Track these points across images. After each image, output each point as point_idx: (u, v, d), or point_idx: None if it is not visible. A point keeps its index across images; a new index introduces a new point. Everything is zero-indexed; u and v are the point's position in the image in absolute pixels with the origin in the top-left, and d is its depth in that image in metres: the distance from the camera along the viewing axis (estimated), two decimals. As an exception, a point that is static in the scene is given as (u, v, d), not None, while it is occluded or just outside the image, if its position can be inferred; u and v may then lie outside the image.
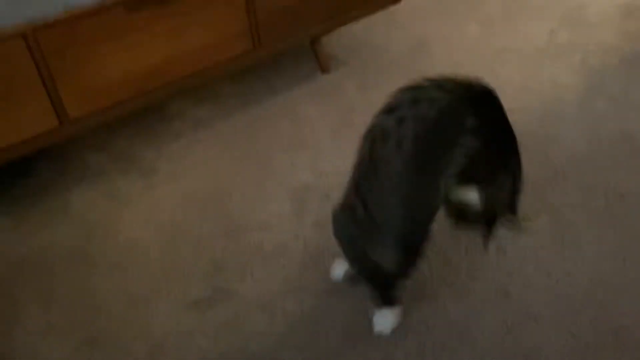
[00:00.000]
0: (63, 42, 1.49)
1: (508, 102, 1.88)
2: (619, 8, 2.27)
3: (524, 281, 1.36)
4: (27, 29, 1.42)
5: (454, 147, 1.10)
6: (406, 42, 2.24)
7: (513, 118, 1.81)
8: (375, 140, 1.15)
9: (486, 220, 1.26)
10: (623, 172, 1.59)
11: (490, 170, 1.18)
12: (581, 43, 2.10)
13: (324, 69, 2.14)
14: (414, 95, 1.15)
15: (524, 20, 2.27)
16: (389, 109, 1.17)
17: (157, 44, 1.64)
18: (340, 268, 1.39)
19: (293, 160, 1.75)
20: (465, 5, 2.41)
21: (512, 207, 1.24)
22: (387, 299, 1.27)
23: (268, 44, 1.87)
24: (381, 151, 1.12)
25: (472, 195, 1.21)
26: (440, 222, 1.51)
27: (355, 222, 1.18)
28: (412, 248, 1.19)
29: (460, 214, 1.27)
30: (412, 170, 1.09)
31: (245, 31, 1.81)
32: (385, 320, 1.29)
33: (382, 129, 1.14)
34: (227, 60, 1.82)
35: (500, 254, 1.42)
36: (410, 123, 1.10)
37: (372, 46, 2.25)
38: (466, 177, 1.15)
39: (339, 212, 1.24)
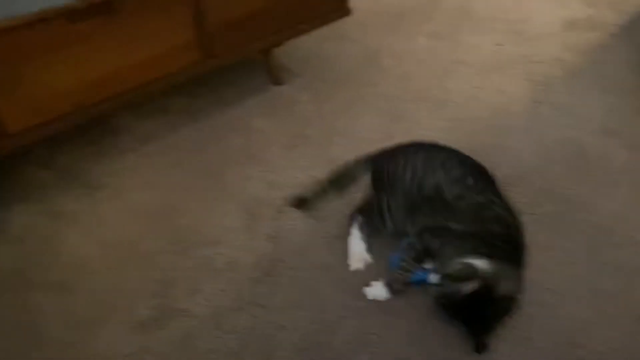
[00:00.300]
0: (2, 53, 1.42)
1: (457, 113, 1.93)
2: (561, 21, 2.36)
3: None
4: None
5: None
6: (358, 55, 2.26)
7: (463, 128, 1.85)
8: None
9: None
10: (568, 178, 1.63)
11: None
12: (526, 55, 2.17)
13: (277, 81, 2.13)
14: None
15: (471, 34, 2.32)
16: None
17: (101, 56, 1.59)
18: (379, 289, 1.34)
19: (245, 174, 1.72)
20: (414, 20, 2.45)
21: None
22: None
23: (217, 55, 1.84)
24: None
25: None
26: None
27: None
28: None
29: None
30: None
31: (193, 42, 1.78)
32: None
33: None
34: (175, 72, 1.78)
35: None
36: None
37: (324, 58, 2.26)
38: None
39: None
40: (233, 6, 1.80)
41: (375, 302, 1.34)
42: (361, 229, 1.45)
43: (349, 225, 1.47)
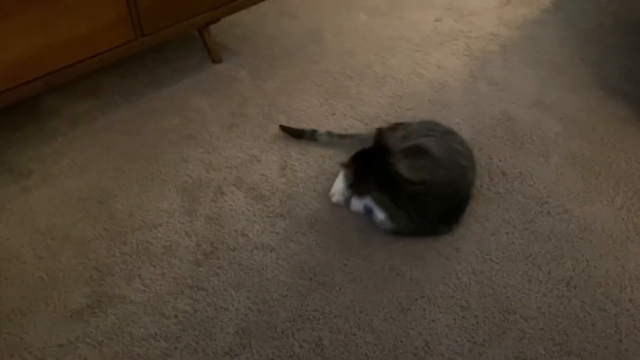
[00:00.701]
0: None
1: (398, 89, 1.94)
2: (497, -2, 2.40)
3: (410, 261, 1.39)
4: None
5: None
6: (298, 32, 2.23)
7: (403, 103, 1.86)
8: None
9: None
10: (504, 151, 1.67)
11: None
12: (464, 30, 2.20)
13: (215, 59, 2.07)
14: None
15: (410, 10, 2.33)
16: None
17: (26, 34, 1.50)
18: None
19: (182, 155, 1.67)
20: (355, -5, 2.44)
21: None
22: None
23: (149, 34, 1.77)
24: None
25: None
26: (330, 206, 1.51)
27: None
28: None
29: None
30: None
31: (124, 20, 1.70)
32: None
33: None
34: (106, 51, 1.70)
35: (391, 235, 1.44)
36: None
37: (264, 36, 2.21)
38: None
39: None
40: (164, -19, 1.73)
41: (316, 279, 1.35)
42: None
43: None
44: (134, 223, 1.48)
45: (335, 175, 1.61)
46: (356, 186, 1.41)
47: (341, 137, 1.70)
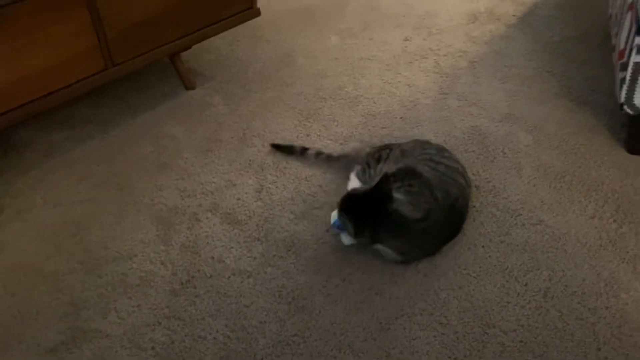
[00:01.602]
0: None
1: (371, 108, 1.96)
2: (465, 14, 2.45)
3: (389, 279, 1.39)
4: None
5: None
6: (271, 55, 2.25)
7: (375, 122, 1.88)
8: None
9: None
10: (477, 165, 1.69)
11: None
12: (433, 48, 2.23)
13: (189, 86, 2.08)
14: None
15: (380, 31, 2.37)
16: None
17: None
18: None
19: (156, 183, 1.66)
20: (326, 19, 2.47)
21: None
22: None
23: (121, 63, 1.78)
24: None
25: None
26: (311, 229, 1.51)
27: None
28: None
29: None
30: None
31: (94, 50, 1.70)
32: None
33: None
34: (77, 82, 1.70)
35: (369, 254, 1.44)
36: None
37: (237, 60, 2.23)
38: None
39: None
40: (133, 11, 1.74)
41: (295, 302, 1.34)
42: (358, 175, 1.56)
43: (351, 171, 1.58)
44: (108, 255, 1.46)
45: (312, 197, 1.61)
46: (362, 237, 1.37)
47: (329, 158, 1.70)
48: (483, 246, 1.46)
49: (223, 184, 1.67)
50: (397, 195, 1.36)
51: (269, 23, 2.44)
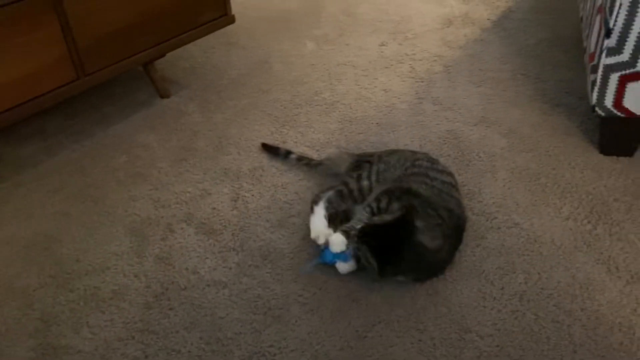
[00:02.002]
0: None
1: (347, 114, 1.95)
2: (440, 18, 2.46)
3: (366, 286, 1.38)
4: None
5: None
6: (246, 62, 2.24)
7: (352, 128, 1.88)
8: None
9: None
10: (453, 168, 1.69)
11: None
12: (408, 53, 2.24)
13: (163, 94, 2.06)
14: None
15: (357, 36, 2.37)
16: None
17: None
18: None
19: (130, 194, 1.64)
20: (302, 25, 2.47)
21: None
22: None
23: (93, 72, 1.75)
24: None
25: None
26: (287, 237, 1.50)
27: None
28: None
29: None
30: None
31: (65, 60, 1.68)
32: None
33: None
34: (48, 92, 1.67)
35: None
36: None
37: (213, 67, 2.21)
38: None
39: None
40: (104, 20, 1.72)
41: (270, 313, 1.32)
42: (331, 201, 1.48)
43: (313, 203, 1.49)
44: (80, 268, 1.44)
45: (289, 204, 1.60)
46: (384, 273, 1.31)
47: (309, 164, 1.69)
48: (459, 250, 1.46)
49: (198, 193, 1.65)
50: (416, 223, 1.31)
51: (244, 30, 2.43)
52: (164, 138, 1.86)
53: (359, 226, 1.34)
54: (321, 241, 1.42)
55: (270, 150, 1.77)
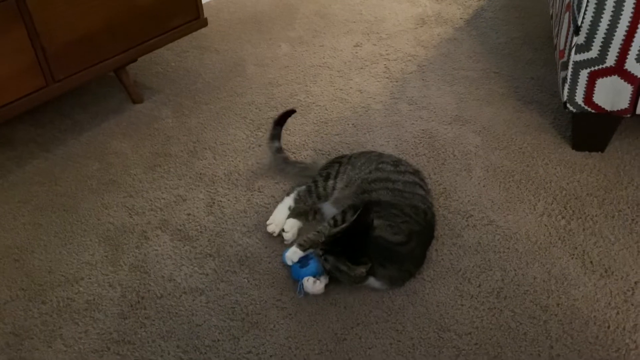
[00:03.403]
0: None
1: (323, 115, 1.95)
2: (413, 18, 2.47)
3: (343, 288, 1.37)
4: None
5: None
6: (221, 65, 2.22)
7: (328, 130, 1.87)
8: None
9: None
10: (428, 168, 1.70)
11: None
12: (383, 53, 2.25)
13: (136, 99, 2.03)
14: None
15: (331, 37, 2.37)
16: None
17: None
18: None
19: (103, 202, 1.61)
20: (275, 27, 2.46)
21: None
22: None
23: (63, 79, 1.72)
24: None
25: None
26: (264, 242, 1.49)
27: None
28: None
29: None
30: None
31: (33, 67, 1.64)
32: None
33: None
34: (16, 100, 1.64)
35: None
36: None
37: (186, 71, 2.19)
38: None
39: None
40: (72, 25, 1.68)
41: (248, 319, 1.31)
42: (300, 195, 1.53)
43: (286, 195, 1.55)
44: (53, 279, 1.40)
45: (265, 208, 1.59)
46: (359, 281, 1.31)
47: (285, 160, 1.68)
48: (436, 249, 1.47)
49: (173, 199, 1.63)
50: (375, 222, 1.32)
51: (217, 33, 2.41)
52: (137, 144, 1.83)
53: (321, 239, 1.35)
54: (271, 229, 1.47)
55: (280, 121, 1.72)
